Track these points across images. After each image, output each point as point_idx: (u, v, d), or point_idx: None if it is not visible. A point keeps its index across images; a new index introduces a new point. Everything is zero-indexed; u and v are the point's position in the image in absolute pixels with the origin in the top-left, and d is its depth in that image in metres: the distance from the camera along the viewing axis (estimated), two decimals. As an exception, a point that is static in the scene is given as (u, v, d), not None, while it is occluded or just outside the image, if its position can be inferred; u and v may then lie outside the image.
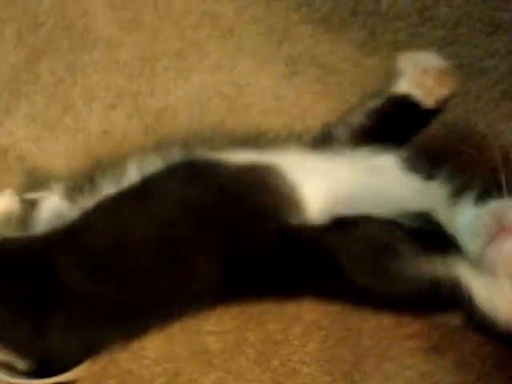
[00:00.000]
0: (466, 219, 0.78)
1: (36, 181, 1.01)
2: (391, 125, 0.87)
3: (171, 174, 0.84)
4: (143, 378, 0.92)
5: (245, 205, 0.80)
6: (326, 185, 0.79)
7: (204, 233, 0.80)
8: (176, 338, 0.91)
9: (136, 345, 0.90)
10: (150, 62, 1.05)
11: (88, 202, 0.87)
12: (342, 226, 0.76)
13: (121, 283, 0.82)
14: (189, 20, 1.05)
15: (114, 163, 0.96)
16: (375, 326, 0.92)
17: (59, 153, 1.03)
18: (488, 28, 0.99)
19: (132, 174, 0.86)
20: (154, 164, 0.87)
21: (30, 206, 0.94)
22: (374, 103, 0.89)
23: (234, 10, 1.04)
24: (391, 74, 0.89)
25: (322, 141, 0.90)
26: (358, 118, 0.89)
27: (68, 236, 0.83)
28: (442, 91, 0.84)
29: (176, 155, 0.87)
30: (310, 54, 1.00)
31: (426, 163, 0.83)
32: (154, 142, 1.01)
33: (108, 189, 0.86)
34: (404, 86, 0.86)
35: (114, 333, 0.86)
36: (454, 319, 0.79)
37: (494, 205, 0.77)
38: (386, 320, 0.91)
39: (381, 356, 0.91)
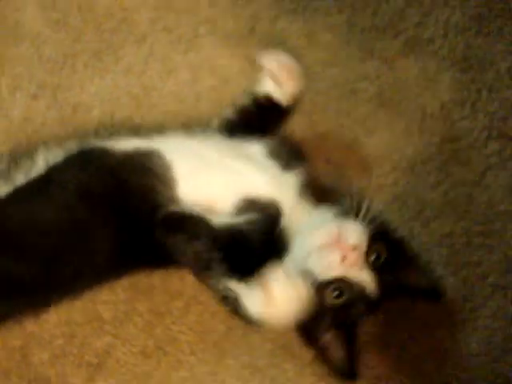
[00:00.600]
0: (313, 221, 0.88)
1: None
2: (254, 119, 0.97)
3: (67, 163, 0.91)
4: (44, 339, 0.99)
5: (129, 185, 0.88)
6: (193, 164, 0.89)
7: (98, 212, 0.88)
8: (74, 306, 0.98)
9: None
10: (71, 60, 1.08)
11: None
12: (178, 225, 0.85)
13: (29, 260, 0.87)
14: (108, 24, 1.09)
15: (29, 148, 1.00)
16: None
17: (-16, 134, 1.05)
18: (363, 54, 1.08)
19: (40, 165, 0.92)
20: (57, 155, 0.93)
21: None
22: (241, 101, 0.99)
23: (149, 19, 1.09)
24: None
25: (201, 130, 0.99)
26: (227, 113, 0.99)
27: None
28: (293, 85, 0.95)
29: (73, 146, 0.94)
30: (211, 64, 1.07)
31: (289, 155, 0.93)
32: (68, 132, 1.05)
33: (21, 177, 0.92)
34: (264, 84, 0.97)
35: (19, 305, 0.92)
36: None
37: (345, 222, 0.86)
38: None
39: (247, 329, 0.99)
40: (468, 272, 1.03)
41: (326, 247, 0.85)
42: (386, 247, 0.88)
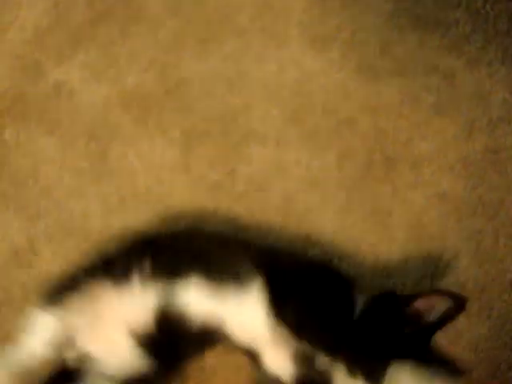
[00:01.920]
0: None
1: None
2: None
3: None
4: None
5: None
6: None
7: None
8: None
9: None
10: (181, 43, 1.20)
11: None
12: None
13: None
14: (215, 17, 1.21)
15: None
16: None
17: (101, 94, 1.20)
18: (428, 68, 1.15)
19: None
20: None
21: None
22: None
23: (249, 17, 1.20)
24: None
25: None
26: None
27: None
28: None
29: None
30: (296, 61, 1.17)
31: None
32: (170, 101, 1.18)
33: None
34: None
35: None
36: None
37: None
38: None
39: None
40: (490, 267, 1.10)
41: None
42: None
